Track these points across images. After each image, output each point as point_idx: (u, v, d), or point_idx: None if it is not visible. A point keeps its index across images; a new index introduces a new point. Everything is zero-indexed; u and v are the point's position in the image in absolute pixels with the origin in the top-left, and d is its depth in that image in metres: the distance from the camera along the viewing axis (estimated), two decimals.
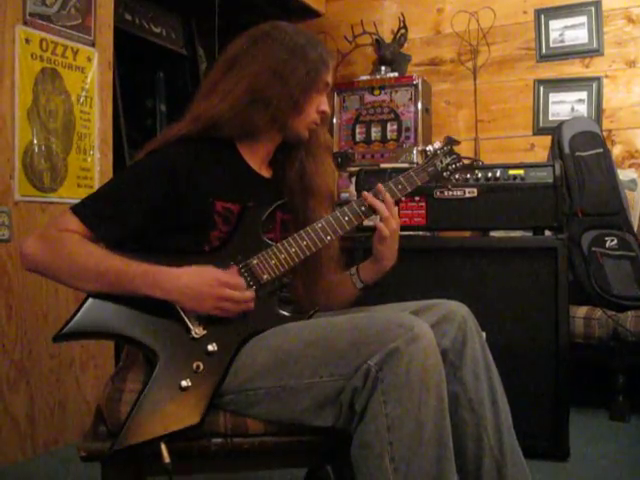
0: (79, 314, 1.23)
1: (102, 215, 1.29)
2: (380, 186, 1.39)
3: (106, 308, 1.24)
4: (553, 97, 3.48)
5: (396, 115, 3.55)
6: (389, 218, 1.38)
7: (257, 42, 1.39)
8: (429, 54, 3.79)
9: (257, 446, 1.24)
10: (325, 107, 1.43)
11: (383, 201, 1.37)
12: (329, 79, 1.43)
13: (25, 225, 2.24)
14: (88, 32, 2.48)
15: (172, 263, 1.24)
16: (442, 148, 1.48)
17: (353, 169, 3.34)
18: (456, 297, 1.39)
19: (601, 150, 2.95)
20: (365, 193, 1.39)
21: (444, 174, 1.48)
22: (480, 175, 2.25)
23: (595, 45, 3.39)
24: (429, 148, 1.48)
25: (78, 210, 1.28)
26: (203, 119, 1.35)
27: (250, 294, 1.27)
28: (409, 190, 1.43)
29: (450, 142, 1.49)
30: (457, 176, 1.50)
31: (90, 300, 1.24)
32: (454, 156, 1.48)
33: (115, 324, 1.24)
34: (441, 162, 1.47)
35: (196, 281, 1.22)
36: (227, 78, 1.38)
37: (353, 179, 3.19)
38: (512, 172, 2.24)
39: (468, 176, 2.18)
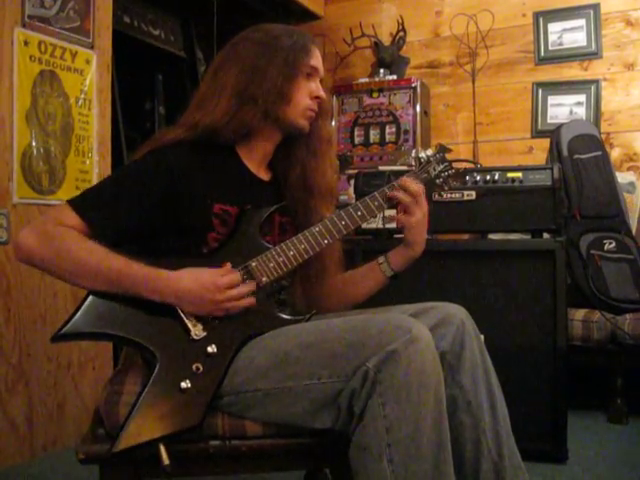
0: (77, 315, 1.22)
1: (100, 210, 1.28)
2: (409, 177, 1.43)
3: (105, 309, 1.23)
4: (552, 100, 3.49)
5: (395, 118, 3.56)
6: (415, 208, 1.41)
7: (235, 46, 1.41)
8: (428, 57, 3.80)
9: (255, 448, 1.24)
10: (320, 92, 1.42)
11: (406, 192, 1.40)
12: (314, 63, 1.41)
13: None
14: (87, 34, 2.48)
15: (170, 265, 1.24)
16: (434, 155, 1.49)
17: (351, 171, 3.34)
18: (454, 300, 1.39)
19: (600, 153, 2.95)
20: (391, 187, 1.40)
21: (437, 181, 1.49)
22: (478, 178, 2.25)
23: (594, 48, 3.40)
24: (422, 155, 1.50)
25: (76, 204, 1.28)
26: (201, 127, 1.36)
27: (246, 288, 1.26)
28: None
29: (442, 150, 1.51)
30: (450, 183, 1.51)
31: (88, 301, 1.24)
32: (446, 164, 1.50)
33: (114, 325, 1.23)
34: (434, 169, 1.48)
35: (195, 285, 1.22)
36: (214, 87, 1.39)
37: (351, 181, 3.19)
38: (510, 175, 2.24)
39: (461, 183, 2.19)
